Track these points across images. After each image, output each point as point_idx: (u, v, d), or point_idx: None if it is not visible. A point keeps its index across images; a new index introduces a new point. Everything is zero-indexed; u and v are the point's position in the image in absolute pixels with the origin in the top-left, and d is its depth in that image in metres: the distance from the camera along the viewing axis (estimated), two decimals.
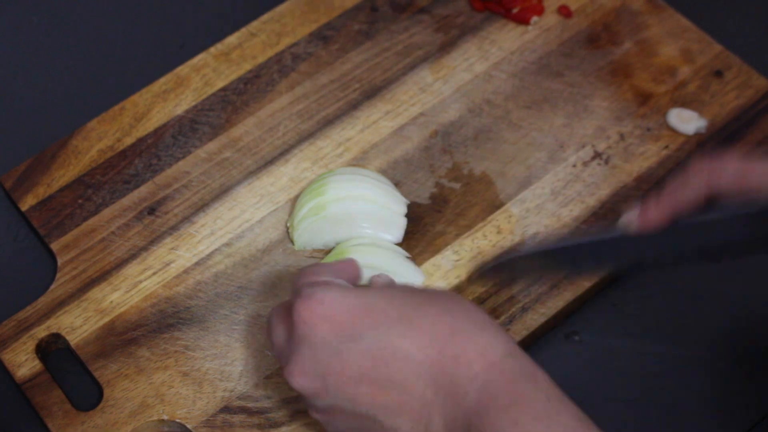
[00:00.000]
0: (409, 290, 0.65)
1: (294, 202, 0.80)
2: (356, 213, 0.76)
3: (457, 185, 0.80)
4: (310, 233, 0.77)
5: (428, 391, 0.61)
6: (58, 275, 0.78)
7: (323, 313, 0.63)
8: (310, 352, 0.63)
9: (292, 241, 0.78)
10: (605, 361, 0.75)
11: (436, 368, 0.61)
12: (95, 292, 0.77)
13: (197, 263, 0.78)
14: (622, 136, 0.82)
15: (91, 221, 0.80)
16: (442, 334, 0.62)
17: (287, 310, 0.66)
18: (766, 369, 0.74)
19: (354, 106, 0.84)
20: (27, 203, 0.81)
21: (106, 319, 0.76)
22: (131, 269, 0.78)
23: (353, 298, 0.63)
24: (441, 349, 0.61)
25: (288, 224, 0.78)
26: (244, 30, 0.88)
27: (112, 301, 0.76)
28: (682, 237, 0.66)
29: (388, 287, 0.66)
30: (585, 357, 0.75)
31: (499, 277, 0.74)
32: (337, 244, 0.77)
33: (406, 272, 0.75)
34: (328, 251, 0.77)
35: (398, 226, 0.77)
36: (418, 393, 0.62)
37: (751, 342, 0.75)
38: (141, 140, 0.83)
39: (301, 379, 0.64)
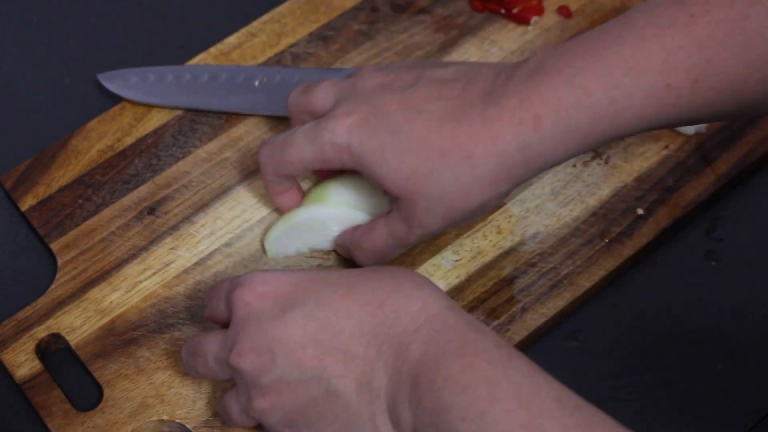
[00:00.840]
0: (368, 268, 0.67)
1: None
2: (327, 218, 0.76)
3: None
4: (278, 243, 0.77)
5: (371, 348, 0.62)
6: (58, 275, 0.78)
7: (266, 290, 0.64)
8: (255, 327, 0.64)
9: (264, 251, 0.77)
10: (605, 361, 0.75)
11: (377, 323, 0.62)
12: (95, 292, 0.77)
13: (197, 263, 0.78)
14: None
15: (91, 221, 0.80)
16: (383, 292, 0.63)
17: (226, 302, 0.67)
18: (766, 369, 0.74)
19: None
20: (27, 203, 0.81)
21: (106, 319, 0.76)
22: (131, 269, 0.78)
23: (294, 274, 0.65)
24: (381, 304, 0.62)
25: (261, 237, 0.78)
26: (244, 30, 0.88)
27: (112, 301, 0.76)
28: None
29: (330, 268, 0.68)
30: (585, 357, 0.75)
31: None
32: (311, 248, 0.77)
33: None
34: (327, 252, 0.77)
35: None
36: (361, 351, 0.62)
37: (750, 342, 0.75)
38: (141, 140, 0.83)
39: (249, 356, 0.64)
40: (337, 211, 0.75)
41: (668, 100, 0.64)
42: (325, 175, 0.77)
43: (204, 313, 0.70)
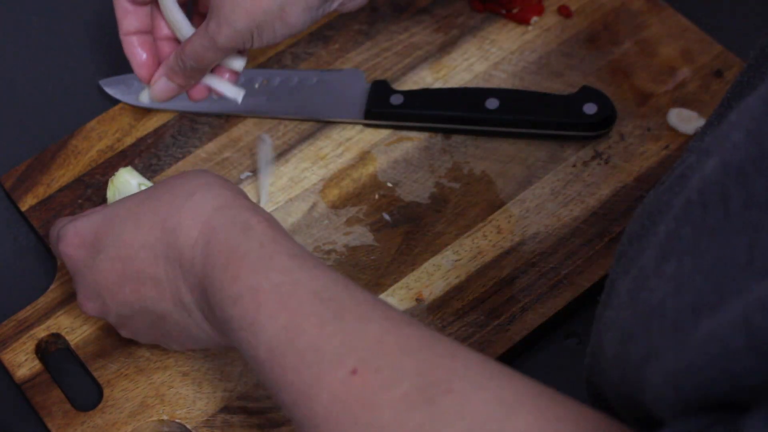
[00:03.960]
0: (153, 187, 0.67)
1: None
2: None
3: (457, 185, 0.80)
4: None
5: (168, 269, 0.63)
6: (57, 275, 0.78)
7: (79, 241, 0.67)
8: (82, 279, 0.68)
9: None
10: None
11: (164, 246, 0.63)
12: None
13: None
14: (622, 136, 0.82)
15: None
16: (163, 212, 0.64)
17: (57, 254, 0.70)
18: None
19: None
20: (27, 203, 0.81)
21: None
22: None
23: (96, 217, 0.68)
24: (162, 225, 0.63)
25: None
26: None
27: None
28: None
29: (130, 195, 0.69)
30: (585, 357, 0.75)
31: None
32: None
33: None
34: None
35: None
36: (162, 274, 0.64)
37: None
38: (141, 140, 0.83)
39: (87, 305, 0.69)
40: None
41: None
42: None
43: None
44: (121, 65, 0.85)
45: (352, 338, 0.55)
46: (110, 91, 0.85)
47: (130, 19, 0.78)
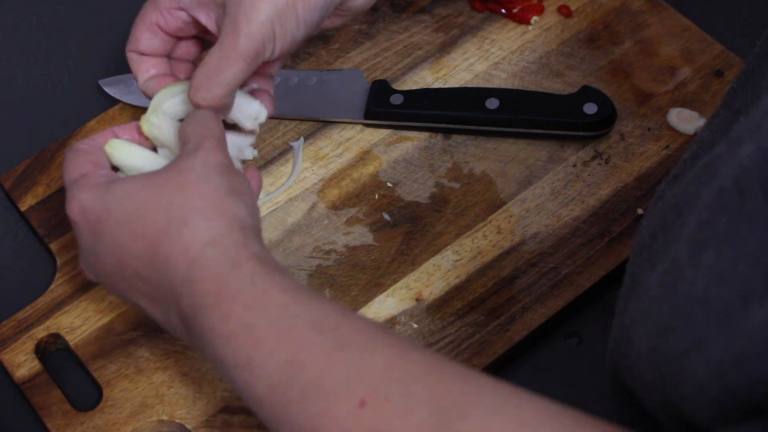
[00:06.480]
0: (149, 179, 0.64)
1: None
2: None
3: (457, 185, 0.80)
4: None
5: (160, 291, 0.62)
6: (57, 275, 0.77)
7: (80, 216, 0.66)
8: (82, 250, 0.67)
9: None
10: (605, 361, 0.75)
11: (156, 269, 0.62)
12: (94, 292, 0.76)
13: None
14: (622, 136, 0.82)
15: None
16: (157, 233, 0.62)
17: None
18: None
19: None
20: (26, 203, 0.81)
21: (106, 319, 0.76)
22: None
23: (99, 199, 0.65)
24: (155, 250, 0.62)
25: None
26: None
27: (111, 301, 0.76)
28: None
29: (136, 179, 0.65)
30: (585, 357, 0.75)
31: None
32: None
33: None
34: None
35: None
36: (154, 291, 0.63)
37: None
38: None
39: (88, 272, 0.68)
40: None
41: None
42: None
43: None
44: (121, 65, 0.85)
45: (357, 368, 0.54)
46: (110, 91, 0.85)
47: (144, 66, 0.74)
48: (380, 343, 0.55)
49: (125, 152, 0.70)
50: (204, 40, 0.75)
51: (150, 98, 0.73)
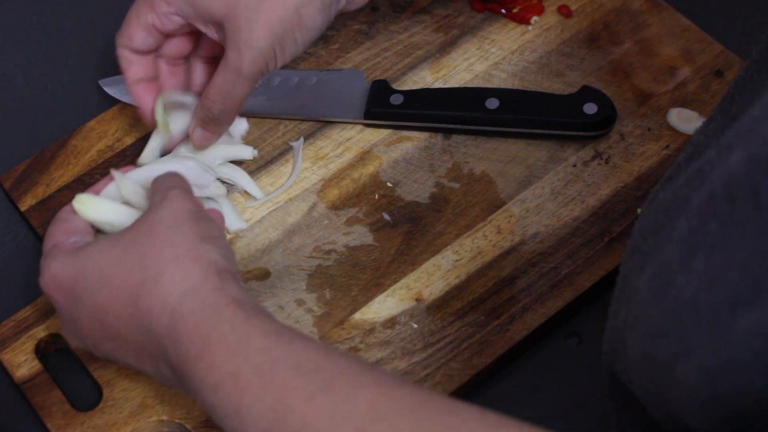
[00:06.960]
0: (118, 237, 0.66)
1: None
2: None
3: (457, 185, 0.80)
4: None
5: (147, 344, 0.63)
6: None
7: (53, 285, 0.67)
8: (63, 318, 0.69)
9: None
10: (602, 363, 0.75)
11: (139, 324, 0.63)
12: None
13: None
14: (622, 136, 0.82)
15: None
16: (134, 289, 0.63)
17: None
18: None
19: None
20: (26, 203, 0.81)
21: None
22: None
23: (71, 266, 0.66)
24: (135, 305, 0.63)
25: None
26: None
27: None
28: None
29: (106, 239, 0.66)
30: (585, 357, 0.75)
31: None
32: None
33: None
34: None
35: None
36: (141, 344, 0.63)
37: None
38: (141, 140, 0.83)
39: (71, 341, 0.69)
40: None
41: None
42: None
43: None
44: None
45: (341, 410, 0.54)
46: (110, 91, 0.85)
47: (134, 68, 0.77)
48: (365, 380, 0.56)
49: (91, 206, 0.71)
50: (199, 33, 0.77)
51: (135, 99, 0.78)
